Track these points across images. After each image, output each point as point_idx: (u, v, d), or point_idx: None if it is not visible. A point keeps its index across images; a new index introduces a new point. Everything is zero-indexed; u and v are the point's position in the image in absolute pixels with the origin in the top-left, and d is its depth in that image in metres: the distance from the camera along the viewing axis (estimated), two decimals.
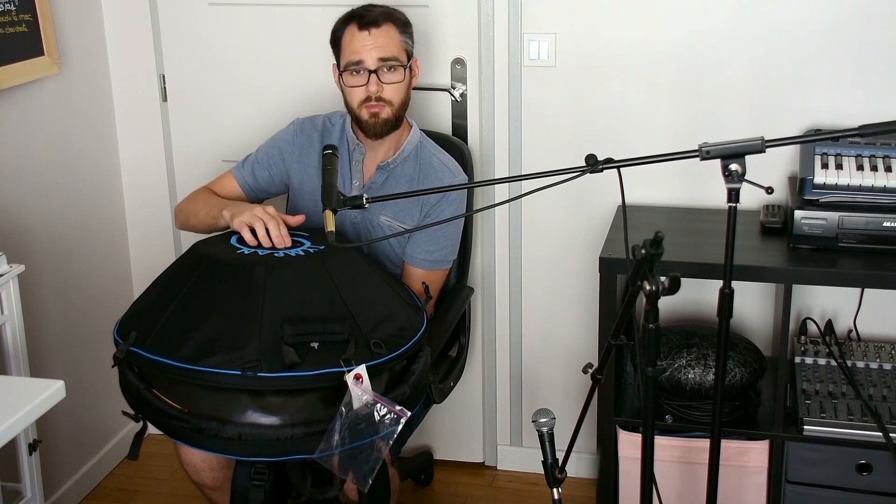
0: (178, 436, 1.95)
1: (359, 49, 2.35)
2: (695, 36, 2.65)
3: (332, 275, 2.05)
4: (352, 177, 2.48)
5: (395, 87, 2.37)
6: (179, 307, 2.01)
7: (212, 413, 1.89)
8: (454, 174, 2.50)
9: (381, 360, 1.97)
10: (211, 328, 1.94)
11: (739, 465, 2.50)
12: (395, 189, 2.45)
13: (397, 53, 2.37)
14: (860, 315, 2.69)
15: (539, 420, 2.16)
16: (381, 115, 2.37)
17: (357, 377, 1.89)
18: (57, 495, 2.87)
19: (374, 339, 1.98)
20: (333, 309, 1.99)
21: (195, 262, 2.10)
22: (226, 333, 1.93)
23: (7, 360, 2.38)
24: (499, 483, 3.08)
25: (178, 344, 1.93)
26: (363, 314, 2.02)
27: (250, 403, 1.88)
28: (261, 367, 1.87)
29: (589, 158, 1.83)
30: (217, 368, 1.88)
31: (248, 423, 1.87)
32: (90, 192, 3.00)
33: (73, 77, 2.89)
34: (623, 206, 1.85)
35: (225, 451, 1.92)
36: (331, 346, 1.93)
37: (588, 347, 2.89)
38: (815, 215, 2.37)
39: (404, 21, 2.42)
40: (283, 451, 1.89)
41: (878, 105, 2.57)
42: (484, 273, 2.95)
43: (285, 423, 1.88)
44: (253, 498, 2.05)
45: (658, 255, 1.62)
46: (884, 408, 2.40)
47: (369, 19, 2.35)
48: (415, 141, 2.49)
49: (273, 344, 1.90)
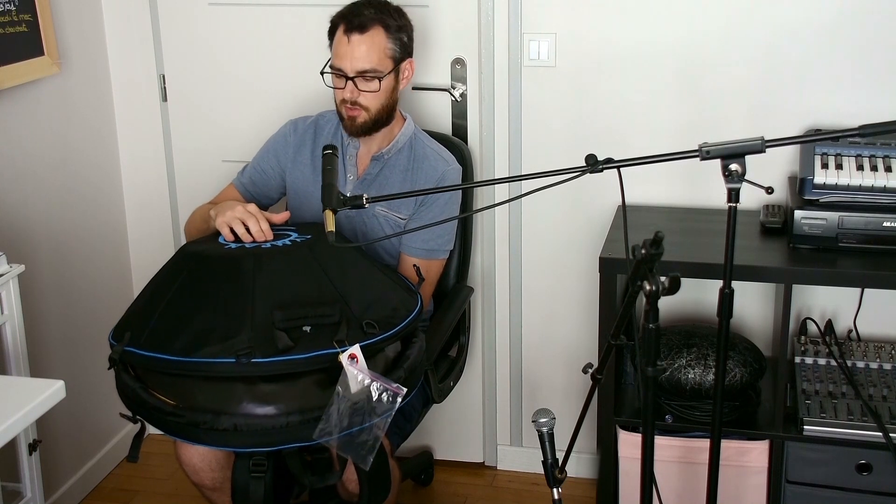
0: (175, 432, 1.96)
1: (340, 54, 2.36)
2: (695, 36, 2.65)
3: (320, 261, 2.07)
4: (346, 171, 2.49)
5: (371, 95, 2.37)
6: (171, 304, 2.04)
7: (207, 406, 1.90)
8: (448, 162, 2.52)
9: (375, 339, 1.99)
10: (203, 321, 1.97)
11: (739, 465, 2.50)
12: (389, 179, 2.47)
13: (377, 64, 2.35)
14: (860, 315, 2.69)
15: (539, 420, 2.16)
16: (358, 119, 2.40)
17: (352, 357, 1.91)
18: (57, 495, 2.87)
19: (367, 320, 2.01)
20: (323, 293, 2.02)
21: (184, 260, 2.14)
22: (218, 324, 1.95)
23: (7, 360, 2.38)
24: (499, 483, 3.08)
25: (172, 339, 1.95)
26: (354, 296, 2.04)
27: (245, 394, 1.90)
28: (254, 353, 1.89)
29: (589, 158, 1.83)
30: (211, 359, 1.90)
31: (243, 413, 1.89)
32: (90, 192, 3.00)
33: (73, 77, 2.89)
34: (623, 206, 1.85)
35: (221, 444, 1.93)
36: (323, 328, 1.96)
37: (588, 347, 2.89)
38: (815, 215, 2.37)
39: (398, 25, 2.39)
40: (279, 439, 1.91)
41: (878, 105, 2.57)
42: (484, 273, 2.95)
43: (280, 411, 1.89)
44: (253, 491, 2.06)
45: (658, 255, 1.62)
46: (884, 408, 2.40)
47: (356, 24, 2.34)
48: (409, 132, 2.51)
49: (265, 330, 1.93)
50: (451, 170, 2.52)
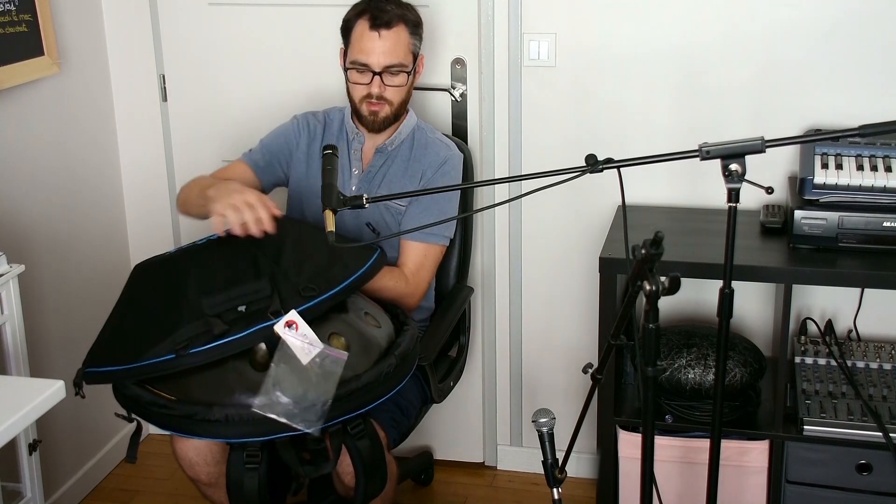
0: (170, 425, 1.99)
1: (366, 50, 2.38)
2: (695, 36, 2.65)
3: (256, 244, 2.10)
4: (350, 165, 2.51)
5: (397, 89, 2.41)
6: (117, 318, 2.13)
7: (200, 398, 1.93)
8: (449, 147, 2.55)
9: (315, 300, 2.01)
10: (143, 326, 2.03)
11: (739, 465, 2.50)
12: (392, 171, 2.50)
13: (403, 59, 2.40)
14: (860, 315, 2.69)
15: (539, 420, 2.17)
16: (381, 114, 2.44)
17: (290, 324, 1.93)
18: (57, 495, 2.87)
19: (305, 285, 2.02)
20: (259, 271, 2.05)
21: (131, 276, 2.23)
22: (156, 325, 2.00)
23: (7, 360, 2.38)
24: (499, 483, 3.08)
25: (120, 350, 2.01)
26: (292, 269, 2.07)
27: (237, 385, 1.92)
28: (192, 344, 1.93)
29: (589, 158, 1.83)
30: (154, 359, 1.94)
31: (234, 403, 1.91)
32: (90, 192, 3.00)
33: (73, 77, 2.89)
34: (623, 206, 1.85)
35: (214, 435, 1.95)
36: (259, 303, 1.99)
37: (588, 347, 2.89)
38: (815, 215, 2.37)
39: (416, 21, 2.44)
40: (270, 429, 1.92)
41: (878, 105, 2.57)
42: (484, 273, 2.95)
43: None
44: (248, 483, 2.06)
45: (658, 255, 1.62)
46: (884, 408, 2.40)
47: (382, 21, 2.37)
48: (411, 124, 2.54)
49: (201, 320, 1.96)
50: (454, 155, 2.54)
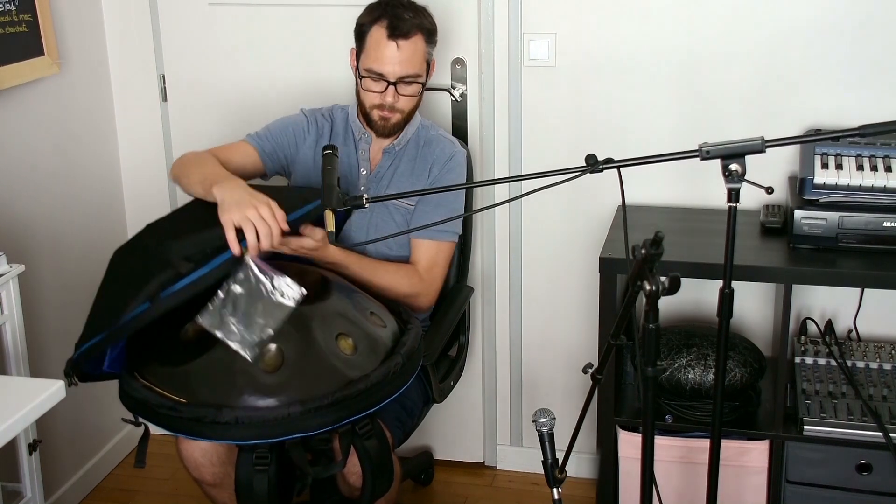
0: (178, 428, 1.96)
1: (383, 60, 2.36)
2: (695, 36, 2.65)
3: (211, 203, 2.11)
4: (359, 165, 2.51)
5: (409, 98, 2.41)
6: (96, 298, 2.11)
7: (209, 401, 1.91)
8: (453, 143, 2.55)
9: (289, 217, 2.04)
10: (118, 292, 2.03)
11: (739, 465, 2.50)
12: (400, 171, 2.49)
13: (419, 69, 2.39)
14: (860, 315, 2.69)
15: (539, 420, 2.16)
16: (391, 121, 2.43)
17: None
18: (57, 495, 2.87)
19: None
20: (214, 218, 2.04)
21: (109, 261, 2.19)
22: (129, 286, 1.99)
23: (7, 360, 2.38)
24: (499, 483, 3.08)
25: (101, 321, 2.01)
26: None
27: (246, 387, 1.91)
28: (164, 288, 1.93)
29: (589, 158, 1.83)
30: (132, 313, 1.93)
31: (244, 406, 1.90)
32: (90, 192, 3.00)
33: (73, 77, 2.89)
34: (623, 206, 1.85)
35: (224, 437, 1.94)
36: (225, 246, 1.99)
37: (588, 347, 2.89)
38: (815, 215, 2.37)
39: (431, 29, 2.42)
40: (281, 431, 1.91)
41: (878, 105, 2.57)
42: (484, 273, 2.95)
43: (281, 403, 1.90)
44: (257, 485, 2.05)
45: (658, 255, 1.62)
46: (884, 408, 2.40)
47: (401, 31, 2.34)
48: (416, 123, 2.54)
49: (169, 267, 1.96)
50: (459, 151, 2.55)
